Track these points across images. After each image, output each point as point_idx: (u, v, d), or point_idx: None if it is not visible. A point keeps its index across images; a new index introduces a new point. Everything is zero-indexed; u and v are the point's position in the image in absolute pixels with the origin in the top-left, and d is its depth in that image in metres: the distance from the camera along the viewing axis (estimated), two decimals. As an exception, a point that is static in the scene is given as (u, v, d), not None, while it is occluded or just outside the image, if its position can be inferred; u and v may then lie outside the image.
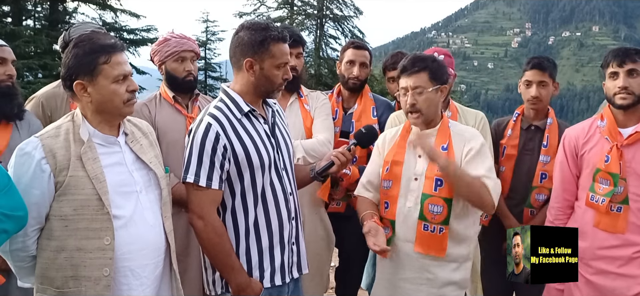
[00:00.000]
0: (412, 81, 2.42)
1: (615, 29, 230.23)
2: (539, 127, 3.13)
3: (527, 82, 3.10)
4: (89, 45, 1.98)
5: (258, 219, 2.19)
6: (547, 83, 3.07)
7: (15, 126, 2.67)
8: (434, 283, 2.44)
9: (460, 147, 2.46)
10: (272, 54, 2.16)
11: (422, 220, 2.40)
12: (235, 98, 2.21)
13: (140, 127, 2.22)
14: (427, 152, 2.35)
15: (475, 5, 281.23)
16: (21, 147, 1.96)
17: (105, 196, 1.94)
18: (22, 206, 1.86)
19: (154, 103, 2.98)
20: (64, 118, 2.08)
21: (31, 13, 18.28)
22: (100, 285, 1.93)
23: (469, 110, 3.21)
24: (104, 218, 1.94)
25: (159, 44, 3.01)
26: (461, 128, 2.57)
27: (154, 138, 2.25)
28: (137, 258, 2.01)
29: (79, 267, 1.93)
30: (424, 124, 2.49)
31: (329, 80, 23.09)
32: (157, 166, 2.15)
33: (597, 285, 2.54)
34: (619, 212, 2.50)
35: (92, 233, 1.93)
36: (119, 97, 1.99)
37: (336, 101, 3.41)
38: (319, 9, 27.41)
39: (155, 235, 2.08)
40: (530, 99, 3.08)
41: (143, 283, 2.03)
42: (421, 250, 2.41)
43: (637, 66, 2.49)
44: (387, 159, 2.55)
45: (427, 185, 2.41)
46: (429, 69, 2.43)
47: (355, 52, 3.38)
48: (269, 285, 2.21)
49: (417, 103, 2.42)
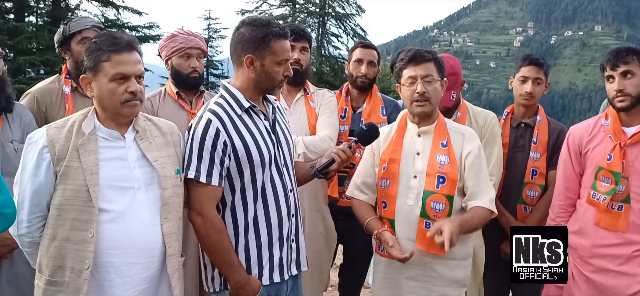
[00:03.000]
0: (422, 70, 2.43)
1: (617, 28, 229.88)
2: (529, 124, 3.16)
3: (523, 77, 3.13)
4: (99, 41, 2.01)
5: (258, 216, 2.19)
6: (541, 81, 3.14)
7: (5, 119, 2.67)
8: (436, 281, 2.44)
9: (459, 146, 2.46)
10: (273, 50, 2.15)
11: (424, 217, 2.38)
12: (236, 94, 2.20)
13: (159, 126, 2.19)
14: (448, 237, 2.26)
15: (477, 4, 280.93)
16: (30, 136, 2.04)
17: (94, 188, 1.94)
18: (11, 203, 1.87)
19: (157, 98, 2.99)
20: (81, 111, 2.11)
21: (33, 9, 18.31)
22: (80, 278, 1.94)
23: (480, 110, 3.20)
24: (90, 211, 1.94)
25: (166, 40, 3.02)
26: (457, 126, 2.58)
27: (174, 139, 2.19)
28: (121, 256, 1.98)
29: (65, 258, 1.95)
30: (427, 117, 2.49)
31: (330, 78, 23.09)
32: (165, 165, 2.09)
33: (596, 283, 2.53)
34: (619, 210, 2.49)
35: (78, 224, 1.94)
36: (116, 96, 1.99)
37: (345, 100, 3.42)
38: (321, 7, 27.39)
39: (148, 235, 2.03)
40: (524, 94, 3.12)
41: (127, 282, 1.99)
42: (423, 247, 2.39)
43: (630, 67, 2.47)
44: (383, 157, 2.54)
45: (429, 182, 2.40)
46: (436, 60, 2.47)
47: (364, 51, 3.39)
48: (267, 282, 2.21)
49: (427, 92, 2.42)
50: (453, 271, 2.45)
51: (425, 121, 2.50)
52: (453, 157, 2.42)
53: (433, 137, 2.46)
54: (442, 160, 2.41)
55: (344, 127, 3.30)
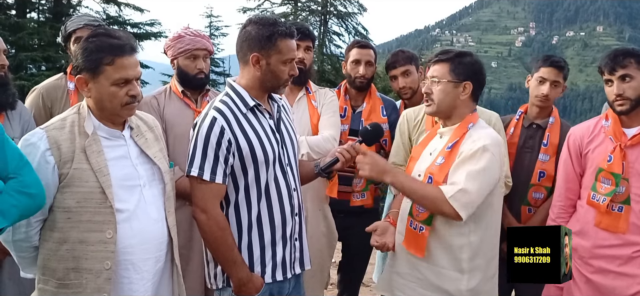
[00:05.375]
0: (431, 71, 2.43)
1: (619, 29, 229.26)
2: (541, 125, 3.12)
3: (542, 78, 3.06)
4: (99, 42, 1.97)
5: (261, 214, 2.20)
6: (559, 84, 3.07)
7: (5, 116, 2.69)
8: (422, 283, 2.40)
9: (462, 149, 2.39)
10: (279, 49, 2.16)
11: (410, 216, 2.39)
12: (241, 92, 2.22)
13: (146, 121, 2.22)
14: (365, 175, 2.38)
15: (479, 3, 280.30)
16: (26, 138, 1.98)
17: (109, 189, 1.95)
18: (37, 183, 1.85)
19: (163, 96, 3.00)
20: (69, 110, 2.09)
21: (35, 5, 18.26)
22: (101, 278, 1.95)
23: (483, 110, 3.15)
24: (106, 212, 1.95)
25: (172, 40, 3.02)
26: (479, 132, 2.38)
27: (159, 132, 2.25)
28: (138, 252, 2.02)
29: (80, 259, 1.95)
30: (442, 118, 2.47)
31: (331, 76, 23.01)
32: (162, 160, 2.15)
33: (596, 283, 2.54)
34: (619, 211, 2.50)
35: (94, 226, 1.95)
36: (117, 99, 1.99)
37: (344, 99, 3.43)
38: (322, 6, 27.32)
39: (158, 230, 2.08)
40: (539, 96, 3.06)
41: (143, 276, 2.04)
42: (405, 244, 2.41)
43: (628, 71, 2.45)
44: (410, 156, 2.62)
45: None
46: (451, 62, 2.40)
47: (360, 51, 3.39)
48: (270, 280, 2.22)
49: (431, 93, 2.41)
50: (440, 280, 2.35)
51: (446, 122, 2.46)
52: (449, 160, 2.34)
53: (448, 139, 2.42)
54: (438, 162, 2.38)
55: (344, 127, 3.31)
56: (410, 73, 3.40)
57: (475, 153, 2.27)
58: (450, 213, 2.23)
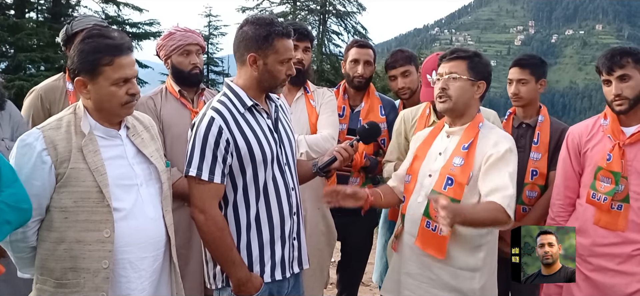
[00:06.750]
0: (448, 67, 2.40)
1: (618, 27, 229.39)
2: (530, 125, 3.16)
3: (509, 80, 3.18)
4: (95, 43, 1.96)
5: (260, 213, 2.20)
6: (527, 81, 3.12)
7: None
8: (435, 284, 2.39)
9: (483, 151, 2.35)
10: (276, 49, 2.16)
11: (426, 216, 2.37)
12: (239, 92, 2.21)
13: (142, 121, 2.22)
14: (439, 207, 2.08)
15: (478, 2, 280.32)
16: (23, 138, 1.97)
17: (106, 188, 1.95)
18: (26, 199, 1.87)
19: (159, 97, 3.00)
20: (65, 110, 2.08)
21: (34, 5, 18.25)
22: (98, 277, 1.95)
23: (482, 108, 3.19)
24: (104, 211, 1.95)
25: (164, 39, 3.02)
26: (495, 133, 2.42)
27: (155, 132, 2.25)
28: (136, 251, 2.02)
29: (77, 259, 1.95)
30: (453, 116, 2.44)
31: (331, 76, 23.03)
32: (158, 160, 2.15)
33: (596, 281, 2.54)
34: (619, 210, 2.50)
35: (91, 225, 1.94)
36: (117, 99, 1.98)
37: (343, 98, 3.43)
38: (321, 5, 27.34)
39: (156, 229, 2.09)
40: (511, 96, 3.16)
41: (141, 275, 2.04)
42: (420, 245, 2.39)
43: (626, 70, 2.45)
44: (414, 154, 2.58)
45: (438, 183, 2.38)
46: (469, 59, 2.39)
47: (359, 51, 3.40)
48: (269, 279, 2.22)
49: (448, 89, 2.38)
50: (455, 280, 2.35)
51: (456, 121, 2.45)
52: (470, 160, 2.33)
53: (460, 139, 2.40)
54: (456, 162, 2.35)
55: (342, 126, 3.31)
56: (410, 73, 3.41)
57: (504, 155, 2.30)
58: (506, 221, 2.22)
